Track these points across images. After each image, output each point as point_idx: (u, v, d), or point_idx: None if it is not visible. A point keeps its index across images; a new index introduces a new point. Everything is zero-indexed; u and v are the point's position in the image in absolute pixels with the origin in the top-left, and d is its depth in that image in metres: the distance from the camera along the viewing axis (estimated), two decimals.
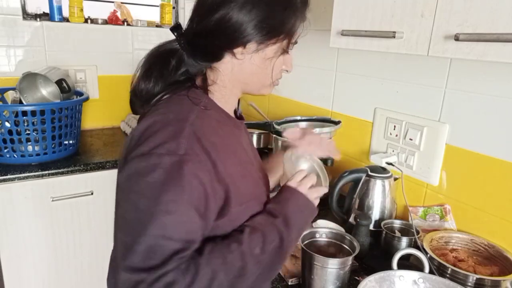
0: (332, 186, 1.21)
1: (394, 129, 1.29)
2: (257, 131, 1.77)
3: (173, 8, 2.27)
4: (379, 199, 1.17)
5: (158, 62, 0.76)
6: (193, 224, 0.65)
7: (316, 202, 0.82)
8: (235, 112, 0.87)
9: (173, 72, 0.76)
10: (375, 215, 1.18)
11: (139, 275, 0.61)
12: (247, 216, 0.76)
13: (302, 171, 0.84)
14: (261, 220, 0.76)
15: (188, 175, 0.63)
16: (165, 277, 0.61)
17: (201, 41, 0.73)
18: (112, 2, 2.12)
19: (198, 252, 0.67)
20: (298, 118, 1.57)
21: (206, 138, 0.68)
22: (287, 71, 0.80)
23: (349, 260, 0.88)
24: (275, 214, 0.76)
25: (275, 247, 0.72)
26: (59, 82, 1.65)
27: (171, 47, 0.76)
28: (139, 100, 0.77)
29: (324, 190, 0.84)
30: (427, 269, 0.88)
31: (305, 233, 0.94)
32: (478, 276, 0.89)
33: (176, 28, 0.77)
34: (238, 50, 0.72)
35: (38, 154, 1.52)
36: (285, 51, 0.76)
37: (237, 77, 0.77)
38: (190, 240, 0.65)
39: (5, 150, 1.48)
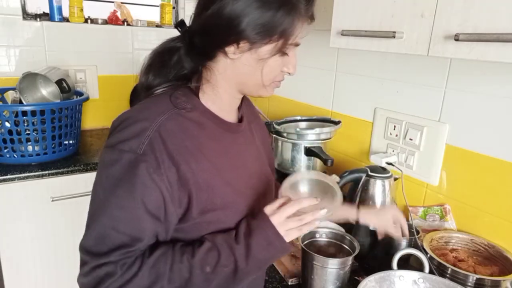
0: None
1: (394, 129, 1.29)
2: None
3: (173, 8, 2.27)
4: (379, 199, 1.17)
5: (160, 58, 0.77)
6: (141, 222, 0.66)
7: (291, 234, 0.72)
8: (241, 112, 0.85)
9: (173, 69, 0.76)
10: None
11: (86, 256, 0.67)
12: (216, 224, 0.73)
13: (284, 197, 0.75)
14: (223, 241, 0.71)
15: (142, 175, 0.65)
16: (106, 266, 0.65)
17: (197, 39, 0.73)
18: (112, 2, 2.12)
19: (149, 252, 0.69)
20: (298, 118, 1.57)
21: (173, 141, 0.68)
22: (289, 73, 0.76)
23: (349, 260, 0.88)
24: (238, 240, 0.71)
25: (227, 272, 0.70)
26: (59, 82, 1.65)
27: (174, 44, 0.77)
28: (141, 93, 0.78)
29: (317, 214, 0.73)
30: (427, 269, 0.88)
31: (305, 233, 0.93)
32: (478, 276, 0.89)
33: (180, 24, 0.77)
34: (230, 49, 0.70)
35: (38, 154, 1.52)
36: (282, 52, 0.71)
37: (231, 77, 0.75)
38: (137, 238, 0.66)
39: (5, 150, 1.48)
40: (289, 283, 0.94)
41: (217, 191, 0.73)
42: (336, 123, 1.45)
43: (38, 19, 1.86)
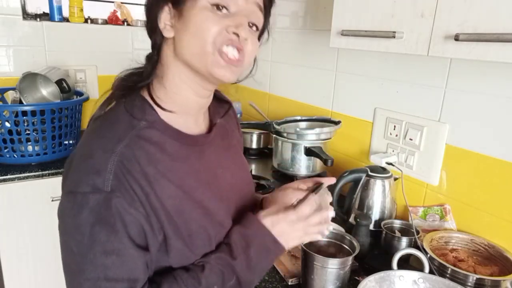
0: (332, 186, 1.21)
1: (394, 129, 1.29)
2: (257, 131, 1.77)
3: None
4: (379, 199, 1.17)
5: (133, 68, 0.74)
6: (135, 260, 0.61)
7: (293, 241, 0.71)
8: (211, 117, 0.79)
9: (138, 76, 0.72)
10: (375, 215, 1.18)
11: None
12: (197, 248, 0.69)
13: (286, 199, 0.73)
14: (219, 259, 0.68)
15: (118, 213, 0.59)
16: None
17: (147, 33, 0.71)
18: (112, 2, 2.12)
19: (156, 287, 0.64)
20: (298, 118, 1.57)
21: (137, 168, 0.61)
22: (237, 34, 0.64)
23: (349, 260, 0.88)
24: (235, 255, 0.67)
25: (232, 285, 0.68)
26: (59, 82, 1.65)
27: (140, 70, 0.74)
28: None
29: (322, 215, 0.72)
30: (427, 269, 0.88)
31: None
32: (478, 276, 0.89)
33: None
34: (163, 26, 0.66)
35: (38, 154, 1.52)
36: (213, 5, 0.63)
37: (176, 60, 0.68)
38: (133, 279, 0.61)
39: (5, 150, 1.48)
40: (289, 283, 0.94)
41: (189, 216, 0.68)
42: (336, 123, 1.45)
43: (38, 19, 1.86)
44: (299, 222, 0.70)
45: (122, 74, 0.73)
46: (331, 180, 0.81)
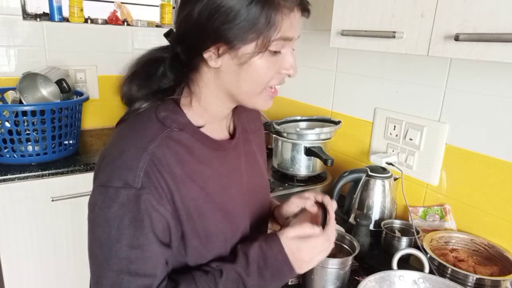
0: (332, 186, 1.21)
1: (394, 129, 1.29)
2: None
3: (173, 8, 2.27)
4: (379, 199, 1.17)
5: (145, 69, 0.72)
6: (156, 257, 0.63)
7: (305, 267, 0.72)
8: (235, 126, 0.81)
9: (157, 81, 0.71)
10: (375, 215, 1.18)
11: None
12: (213, 249, 0.71)
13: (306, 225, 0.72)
14: (234, 271, 0.68)
15: (146, 209, 0.61)
16: None
17: (178, 48, 0.69)
18: (112, 2, 2.12)
19: (171, 285, 0.66)
20: (298, 118, 1.57)
21: (166, 168, 0.64)
22: (288, 75, 0.68)
23: (349, 260, 0.88)
24: (249, 272, 0.68)
25: None
26: (59, 82, 1.64)
27: (161, 55, 0.72)
28: (122, 101, 0.74)
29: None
30: (427, 269, 0.88)
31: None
32: (478, 276, 0.89)
33: (169, 34, 0.72)
34: (208, 56, 0.64)
35: (38, 154, 1.52)
36: (267, 50, 0.63)
37: (218, 88, 0.69)
38: (154, 275, 0.63)
39: (5, 150, 1.48)
40: (289, 283, 0.94)
41: (210, 218, 0.70)
42: (336, 123, 1.45)
43: (38, 19, 1.86)
44: (324, 245, 0.72)
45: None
46: (334, 206, 0.80)
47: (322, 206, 0.78)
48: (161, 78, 0.71)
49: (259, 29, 0.61)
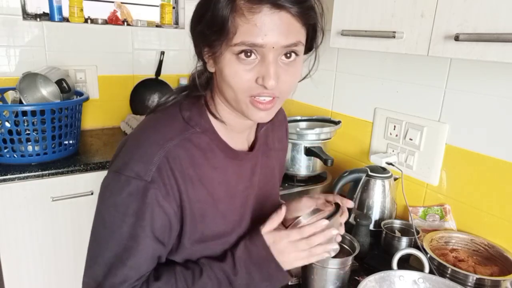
0: (332, 186, 1.21)
1: (394, 129, 1.29)
2: None
3: (173, 8, 2.27)
4: (379, 199, 1.18)
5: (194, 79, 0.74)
6: (149, 251, 0.65)
7: (295, 263, 0.71)
8: (256, 136, 0.80)
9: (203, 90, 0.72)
10: (375, 215, 1.18)
11: (98, 286, 0.66)
12: (207, 254, 0.73)
13: (298, 221, 0.73)
14: (221, 270, 0.69)
15: (151, 203, 0.63)
16: None
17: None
18: (112, 2, 2.12)
19: (153, 279, 0.68)
20: (298, 118, 1.57)
21: (179, 168, 0.65)
22: (265, 87, 0.61)
23: (349, 260, 0.88)
24: (236, 270, 0.69)
25: None
26: (59, 82, 1.64)
27: None
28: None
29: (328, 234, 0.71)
30: (427, 269, 0.88)
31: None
32: (478, 276, 0.89)
33: None
34: (206, 59, 0.66)
35: (38, 154, 1.52)
36: (235, 55, 0.60)
37: (219, 92, 0.70)
38: (139, 268, 0.66)
39: (5, 150, 1.48)
40: (289, 283, 0.94)
41: (210, 222, 0.71)
42: (336, 123, 1.45)
43: (38, 19, 1.86)
44: (301, 242, 0.70)
45: (195, 74, 0.73)
46: (349, 204, 0.79)
47: (336, 205, 0.78)
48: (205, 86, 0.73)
49: (218, 32, 0.59)
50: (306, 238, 0.69)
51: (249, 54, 0.60)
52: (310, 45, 0.70)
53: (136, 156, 0.65)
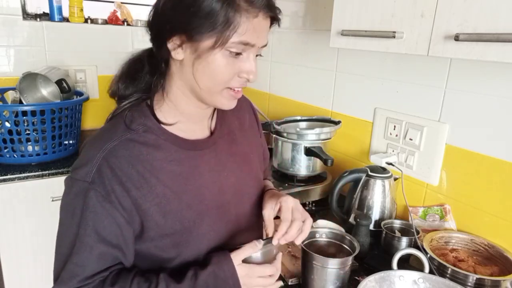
0: (332, 186, 1.21)
1: (394, 129, 1.29)
2: None
3: None
4: (379, 199, 1.17)
5: (134, 67, 0.76)
6: (93, 251, 0.67)
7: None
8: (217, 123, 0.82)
9: (143, 78, 0.75)
10: (375, 215, 1.18)
11: (56, 279, 0.69)
12: (177, 248, 0.73)
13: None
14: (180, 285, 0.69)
15: (92, 204, 0.66)
16: None
17: (151, 42, 0.72)
18: (112, 2, 2.12)
19: (110, 283, 0.69)
20: (298, 118, 1.56)
21: (122, 167, 0.67)
22: (248, 80, 0.69)
23: (349, 260, 0.88)
24: None
25: None
26: (59, 82, 1.65)
27: (150, 52, 0.75)
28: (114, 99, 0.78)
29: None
30: (427, 269, 0.88)
31: None
32: (478, 276, 0.89)
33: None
34: (172, 46, 0.67)
35: (38, 154, 1.52)
36: (225, 49, 0.64)
37: (183, 83, 0.71)
38: (84, 266, 0.67)
39: (5, 150, 1.48)
40: (289, 283, 0.94)
41: (176, 216, 0.72)
42: (336, 123, 1.45)
43: (38, 19, 1.86)
44: (268, 279, 0.75)
45: (120, 81, 0.76)
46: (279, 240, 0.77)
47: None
48: (145, 75, 0.74)
49: (217, 27, 0.62)
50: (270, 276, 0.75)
51: (240, 52, 0.66)
52: None
53: (80, 161, 0.69)
